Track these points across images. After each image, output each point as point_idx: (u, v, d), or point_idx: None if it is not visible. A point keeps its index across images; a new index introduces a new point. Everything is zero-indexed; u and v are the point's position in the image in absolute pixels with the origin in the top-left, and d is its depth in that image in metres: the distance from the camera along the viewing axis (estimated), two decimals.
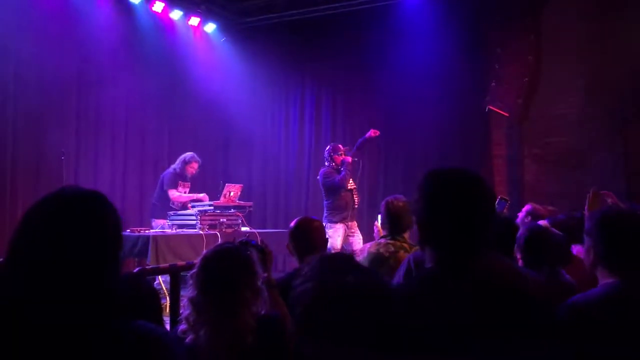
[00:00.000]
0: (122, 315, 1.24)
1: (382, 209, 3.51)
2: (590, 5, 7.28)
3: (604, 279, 1.96)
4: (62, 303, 1.17)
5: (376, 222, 4.04)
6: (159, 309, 1.90)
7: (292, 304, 1.24)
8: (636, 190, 6.65)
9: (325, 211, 6.67)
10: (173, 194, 6.93)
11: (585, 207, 3.46)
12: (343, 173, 6.60)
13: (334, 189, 6.59)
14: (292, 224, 3.03)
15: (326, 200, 6.70)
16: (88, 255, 1.21)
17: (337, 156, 6.73)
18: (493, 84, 7.41)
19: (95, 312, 1.19)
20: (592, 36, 7.20)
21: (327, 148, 6.90)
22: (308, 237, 2.94)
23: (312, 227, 2.98)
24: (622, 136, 7.13)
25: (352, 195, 6.67)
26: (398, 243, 3.33)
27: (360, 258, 3.42)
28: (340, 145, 6.89)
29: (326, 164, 6.82)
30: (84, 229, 1.23)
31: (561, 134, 7.51)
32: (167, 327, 2.98)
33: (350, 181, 6.67)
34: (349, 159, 6.71)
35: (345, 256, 1.30)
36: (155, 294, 1.92)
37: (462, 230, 1.49)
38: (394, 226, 3.38)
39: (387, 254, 3.27)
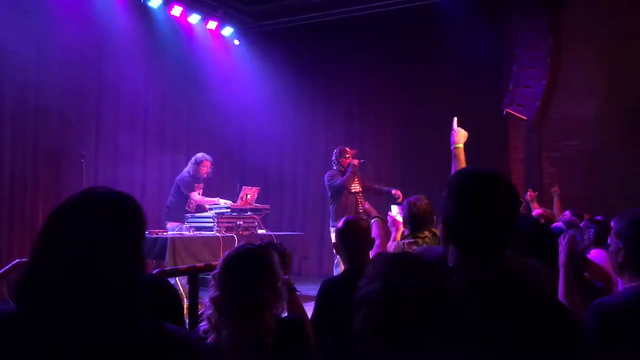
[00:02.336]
0: (149, 316, 1.24)
1: (404, 209, 3.63)
2: (610, 6, 7.22)
3: (631, 282, 1.91)
4: (90, 303, 1.18)
5: (390, 213, 4.12)
6: (181, 310, 1.91)
7: (358, 303, 1.24)
8: None
9: (331, 214, 6.75)
10: (195, 196, 6.95)
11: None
12: (346, 175, 6.62)
13: (337, 191, 6.64)
14: (340, 224, 3.07)
15: (330, 204, 6.78)
16: (116, 255, 1.23)
17: (343, 159, 6.76)
18: (511, 86, 7.36)
19: (124, 312, 1.20)
20: (611, 38, 7.14)
21: (335, 151, 6.92)
22: (356, 237, 2.98)
23: (360, 227, 3.03)
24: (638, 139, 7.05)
25: (356, 198, 6.66)
26: (420, 240, 3.46)
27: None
28: (347, 148, 6.87)
29: (333, 167, 6.85)
30: (112, 229, 1.24)
31: (580, 137, 7.45)
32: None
33: (356, 184, 6.66)
34: (356, 161, 6.72)
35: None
36: (178, 295, 1.93)
37: (486, 231, 1.50)
38: (416, 226, 3.52)
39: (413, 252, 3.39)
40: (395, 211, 4.06)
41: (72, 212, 1.25)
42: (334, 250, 3.19)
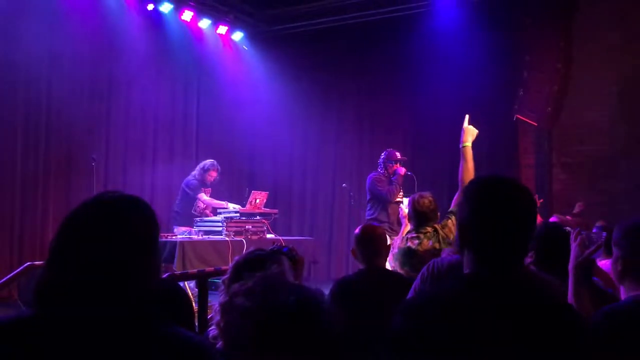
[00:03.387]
0: (164, 321, 1.25)
1: (409, 205, 3.79)
2: (620, 12, 7.19)
3: (631, 292, 1.90)
4: (107, 307, 1.19)
5: (401, 206, 4.39)
6: (192, 315, 1.91)
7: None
8: None
9: (366, 218, 6.29)
10: (203, 197, 6.97)
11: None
12: (392, 186, 6.20)
13: (379, 199, 6.24)
14: (357, 230, 3.26)
15: (369, 210, 6.33)
16: (132, 259, 1.23)
17: (390, 164, 6.32)
18: (521, 92, 7.34)
19: (141, 316, 1.21)
20: (621, 43, 7.10)
21: (383, 154, 6.48)
22: (372, 243, 3.15)
23: (376, 234, 3.21)
24: None
25: (399, 207, 6.04)
26: (422, 235, 3.62)
27: (393, 253, 3.66)
28: (397, 153, 6.44)
29: (379, 169, 6.41)
30: (126, 233, 1.25)
31: (591, 142, 7.40)
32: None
33: (400, 194, 6.24)
34: (402, 170, 6.31)
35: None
36: (190, 300, 1.93)
37: (504, 239, 1.50)
38: (419, 222, 3.67)
39: (414, 247, 3.58)
40: (406, 205, 4.22)
41: (86, 216, 1.26)
42: (353, 256, 3.27)
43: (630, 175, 7.07)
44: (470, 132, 3.63)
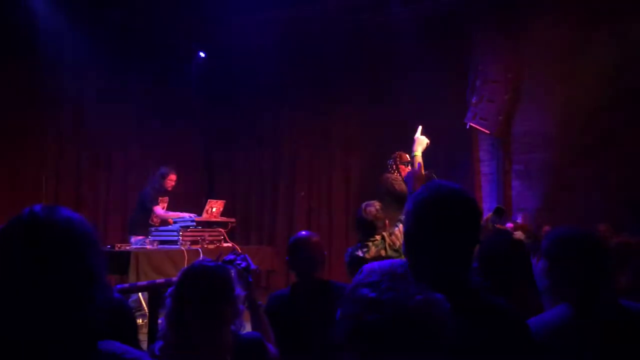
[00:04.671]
0: (101, 337, 1.21)
1: (357, 215, 3.81)
2: (571, 25, 7.39)
3: (555, 304, 1.90)
4: (40, 326, 1.15)
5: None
6: (134, 328, 1.86)
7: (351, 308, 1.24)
8: (612, 207, 6.73)
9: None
10: (158, 210, 6.85)
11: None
12: (411, 185, 5.67)
13: (401, 199, 5.73)
14: (291, 239, 3.11)
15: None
16: (63, 275, 1.19)
17: (403, 166, 5.81)
18: (474, 100, 7.47)
19: (76, 333, 1.18)
20: (571, 56, 7.30)
21: (393, 155, 5.98)
22: (306, 253, 2.98)
23: (310, 243, 3.02)
24: (599, 155, 7.21)
25: None
26: (370, 243, 3.64)
27: (347, 261, 3.67)
28: (406, 155, 5.86)
29: (390, 171, 5.93)
30: (56, 250, 1.20)
31: (542, 151, 7.57)
32: (145, 345, 2.93)
33: None
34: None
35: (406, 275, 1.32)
36: (131, 313, 1.88)
37: (445, 247, 1.52)
38: (367, 231, 3.69)
39: (361, 255, 3.59)
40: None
41: (10, 236, 1.20)
42: (288, 266, 3.11)
43: (579, 184, 7.25)
44: (420, 142, 3.67)
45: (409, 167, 5.64)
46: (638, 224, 4.18)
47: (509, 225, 5.28)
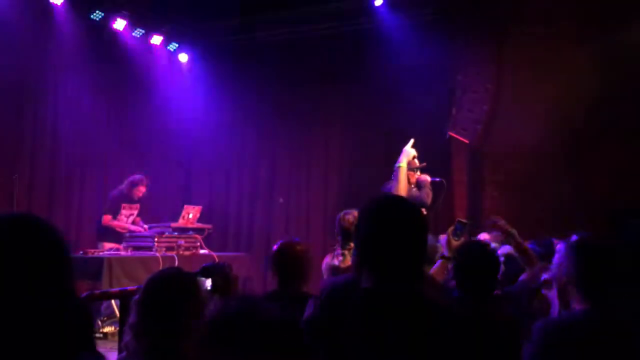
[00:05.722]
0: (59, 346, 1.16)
1: (336, 222, 3.81)
2: (549, 37, 7.47)
3: (576, 304, 2.01)
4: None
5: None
6: (88, 331, 1.78)
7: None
8: (591, 215, 6.78)
9: None
10: (106, 219, 6.65)
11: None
12: (423, 191, 5.27)
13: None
14: (274, 247, 3.03)
15: None
16: (18, 285, 1.13)
17: (412, 172, 5.35)
18: (454, 110, 7.50)
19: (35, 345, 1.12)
20: (551, 65, 7.37)
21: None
22: (289, 263, 2.90)
23: (294, 253, 2.94)
24: (578, 166, 7.28)
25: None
26: (346, 252, 3.63)
27: (323, 270, 3.69)
28: (415, 161, 5.39)
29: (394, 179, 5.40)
30: (9, 258, 1.14)
31: (520, 162, 7.62)
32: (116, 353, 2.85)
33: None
34: (426, 178, 5.43)
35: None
36: (86, 314, 1.81)
37: (392, 255, 1.60)
38: (345, 239, 3.66)
39: (337, 264, 3.60)
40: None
41: None
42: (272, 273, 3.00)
43: (559, 194, 7.30)
44: (407, 154, 3.69)
45: (418, 173, 5.47)
46: (617, 232, 4.23)
47: (484, 236, 5.27)
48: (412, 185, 5.49)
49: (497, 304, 2.67)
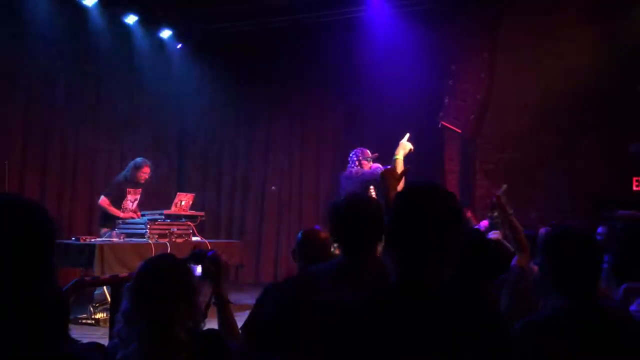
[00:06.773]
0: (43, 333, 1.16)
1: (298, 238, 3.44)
2: (541, 26, 7.49)
3: (551, 299, 1.93)
4: None
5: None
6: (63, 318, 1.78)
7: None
8: (578, 204, 6.85)
9: None
10: (103, 201, 6.61)
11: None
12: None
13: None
14: (300, 233, 3.07)
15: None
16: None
17: (365, 162, 5.78)
18: (447, 100, 7.52)
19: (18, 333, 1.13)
20: (543, 54, 7.40)
21: (354, 152, 5.91)
22: (312, 249, 2.96)
23: (318, 240, 3.00)
24: (570, 154, 7.33)
25: None
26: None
27: None
28: (368, 151, 5.88)
29: (350, 167, 5.85)
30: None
31: (512, 151, 7.67)
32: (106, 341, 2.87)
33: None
34: (378, 166, 5.67)
35: None
36: (66, 306, 1.81)
37: (421, 243, 1.54)
38: (304, 255, 3.34)
39: (332, 250, 3.40)
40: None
41: None
42: (292, 257, 3.11)
43: (548, 184, 7.36)
44: (403, 147, 3.65)
45: (371, 163, 5.83)
46: (602, 220, 4.27)
47: (484, 223, 5.29)
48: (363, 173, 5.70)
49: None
